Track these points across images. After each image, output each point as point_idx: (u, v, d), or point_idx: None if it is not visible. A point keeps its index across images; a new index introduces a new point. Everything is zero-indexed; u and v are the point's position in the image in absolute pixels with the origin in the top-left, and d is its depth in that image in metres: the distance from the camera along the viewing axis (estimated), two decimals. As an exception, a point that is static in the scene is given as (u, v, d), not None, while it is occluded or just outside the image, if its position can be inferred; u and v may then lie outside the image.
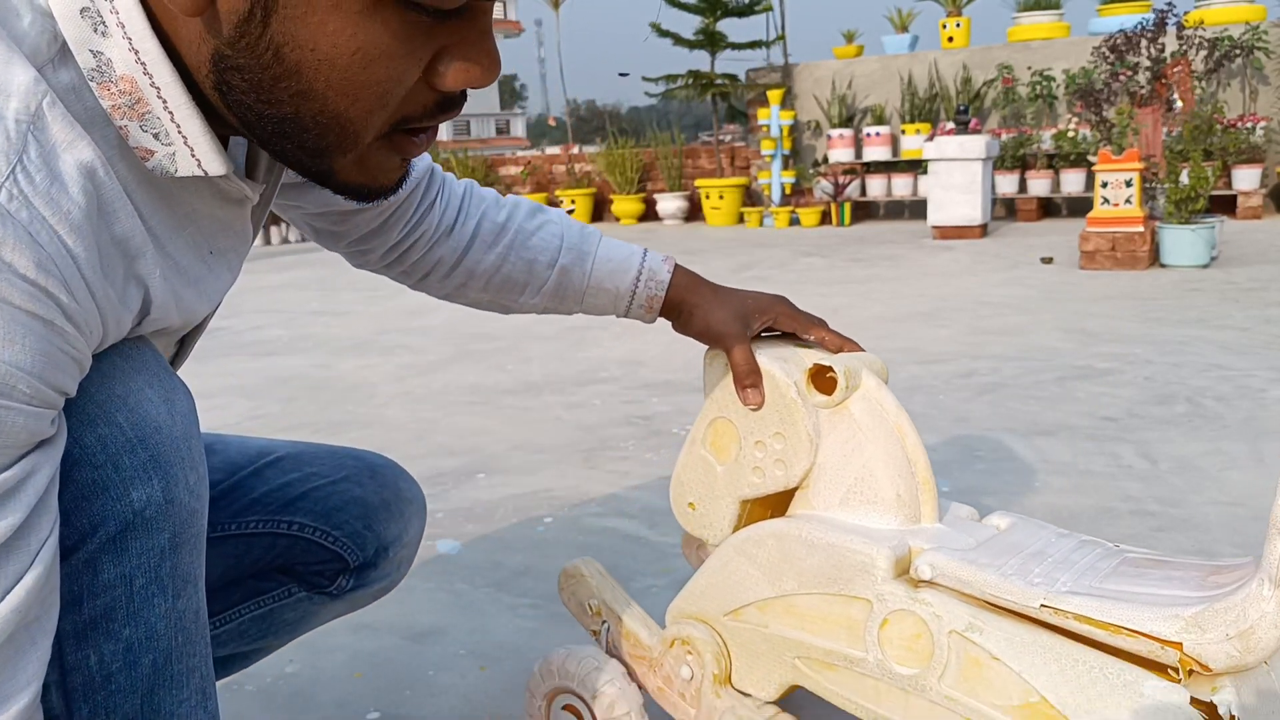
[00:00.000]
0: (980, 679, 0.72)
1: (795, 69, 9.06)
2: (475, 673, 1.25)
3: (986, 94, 8.28)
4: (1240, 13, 7.49)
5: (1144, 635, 0.65)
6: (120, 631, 0.56)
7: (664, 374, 2.89)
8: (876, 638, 0.77)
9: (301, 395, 2.88)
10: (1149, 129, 5.17)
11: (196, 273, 0.61)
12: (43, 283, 0.46)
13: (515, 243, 0.91)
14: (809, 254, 6.10)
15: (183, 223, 0.58)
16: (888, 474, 0.81)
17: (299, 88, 0.50)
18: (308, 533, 0.86)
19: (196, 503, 0.59)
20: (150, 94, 0.50)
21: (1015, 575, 0.72)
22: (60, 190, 0.47)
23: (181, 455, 0.57)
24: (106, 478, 0.54)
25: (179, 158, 0.53)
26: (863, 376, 0.84)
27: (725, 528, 0.89)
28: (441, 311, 4.29)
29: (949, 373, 2.77)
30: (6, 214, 0.44)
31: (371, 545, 0.89)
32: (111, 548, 0.55)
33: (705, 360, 0.91)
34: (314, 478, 0.87)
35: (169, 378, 0.60)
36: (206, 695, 0.61)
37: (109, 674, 0.56)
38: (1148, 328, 3.27)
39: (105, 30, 0.49)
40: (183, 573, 0.58)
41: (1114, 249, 4.60)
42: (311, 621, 0.94)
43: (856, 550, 0.78)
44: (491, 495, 1.92)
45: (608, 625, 0.99)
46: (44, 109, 0.47)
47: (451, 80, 0.53)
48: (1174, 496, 1.74)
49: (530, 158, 10.93)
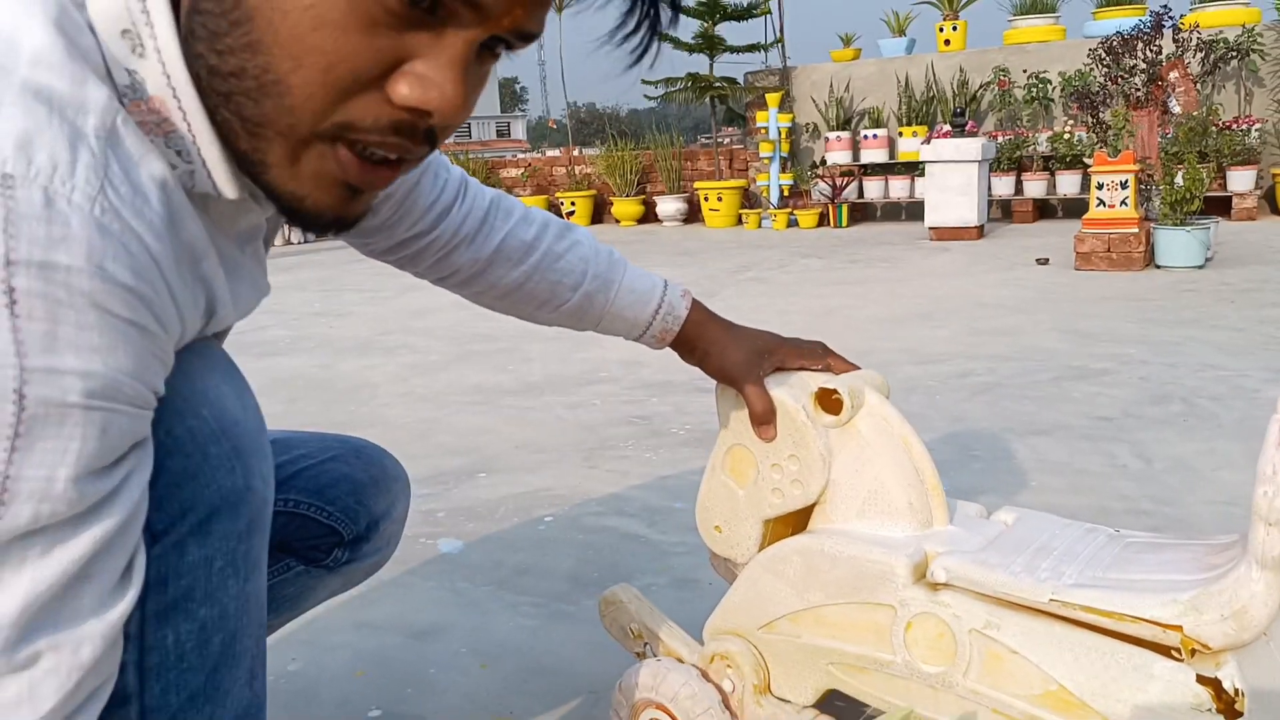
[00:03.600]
0: (1002, 672, 0.76)
1: (793, 72, 9.08)
2: (476, 671, 1.26)
3: (983, 97, 8.31)
4: (1235, 15, 7.51)
5: (1146, 621, 0.70)
6: (197, 611, 0.59)
7: (664, 374, 2.91)
8: (903, 640, 0.82)
9: (304, 395, 2.89)
10: (1144, 131, 5.19)
11: (245, 270, 0.64)
12: (140, 291, 0.48)
13: (542, 264, 0.91)
14: (807, 255, 6.12)
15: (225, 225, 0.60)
16: (899, 484, 0.86)
17: (249, 39, 0.49)
18: (303, 509, 0.90)
19: (268, 491, 0.63)
20: (177, 116, 0.52)
21: (1024, 572, 0.77)
22: (143, 201, 0.49)
23: (257, 446, 0.62)
24: (197, 466, 0.58)
25: (197, 177, 0.54)
26: (866, 395, 0.88)
27: (751, 547, 0.94)
28: (443, 313, 4.30)
29: (946, 373, 2.79)
30: (104, 227, 0.46)
31: (363, 519, 0.93)
32: (198, 531, 0.58)
33: (717, 392, 0.96)
34: (303, 459, 0.91)
35: (238, 375, 0.64)
36: (254, 675, 0.64)
37: (183, 652, 0.59)
38: (1143, 328, 3.28)
39: (143, 52, 0.50)
40: (254, 556, 0.62)
41: (1109, 250, 4.62)
42: (309, 597, 0.97)
43: (877, 560, 0.82)
44: (492, 494, 1.93)
45: (649, 646, 1.03)
46: (118, 125, 0.49)
47: (403, 89, 0.51)
48: (1169, 496, 1.76)
49: (530, 160, 10.95)
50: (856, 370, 0.94)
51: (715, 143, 9.66)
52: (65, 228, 0.44)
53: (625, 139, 10.24)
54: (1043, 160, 7.69)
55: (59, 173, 0.45)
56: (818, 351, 0.96)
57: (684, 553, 1.60)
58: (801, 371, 0.94)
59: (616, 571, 1.54)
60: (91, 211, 0.46)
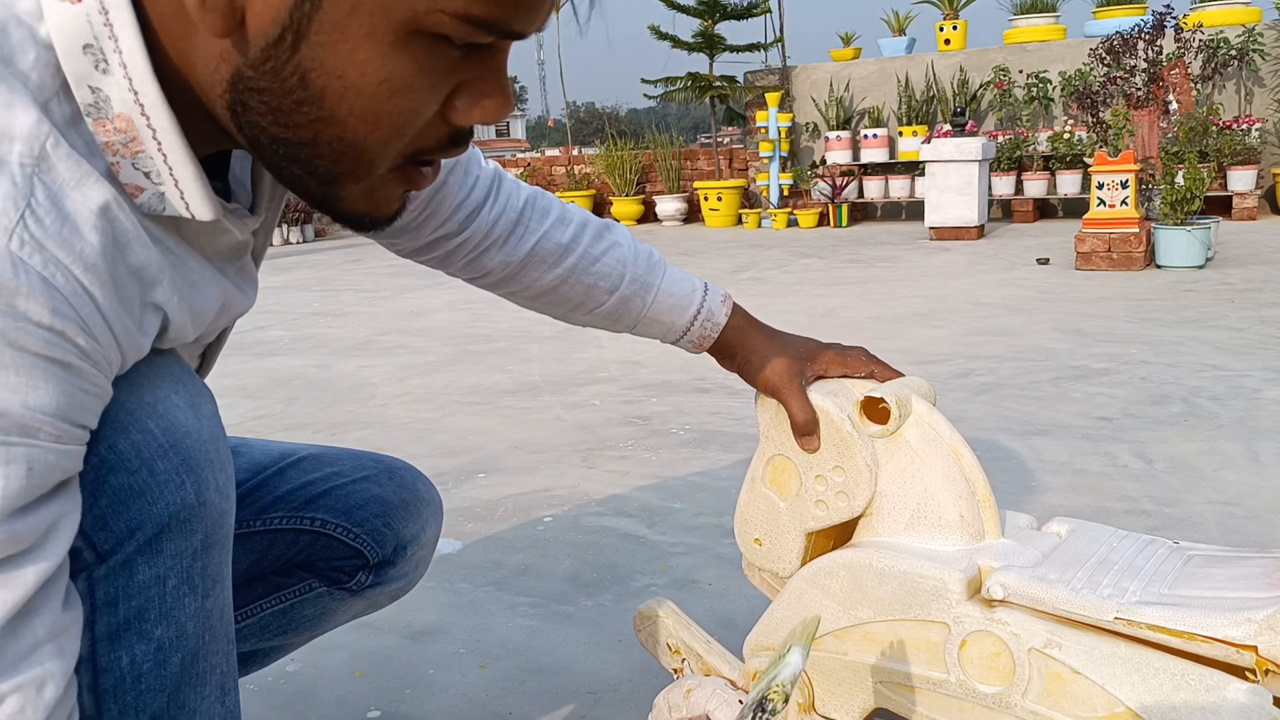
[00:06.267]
0: (1064, 693, 0.74)
1: (793, 71, 9.08)
2: (475, 671, 1.26)
3: (983, 96, 8.30)
4: (1236, 15, 7.51)
5: (1219, 641, 0.67)
6: (152, 632, 0.57)
7: (663, 374, 2.90)
8: (957, 659, 0.79)
9: (302, 395, 2.89)
10: (1145, 131, 5.19)
11: (215, 289, 0.61)
12: (59, 328, 0.46)
13: (578, 267, 0.89)
14: (807, 255, 6.12)
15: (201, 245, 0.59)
16: (949, 496, 0.83)
17: (320, 114, 0.50)
18: (329, 529, 0.88)
19: (225, 504, 0.60)
20: (146, 135, 0.50)
21: (1085, 588, 0.74)
22: (72, 230, 0.47)
23: (210, 458, 0.59)
24: (142, 482, 0.55)
25: (168, 198, 0.52)
26: (913, 403, 0.86)
27: (794, 560, 0.91)
28: (441, 313, 4.30)
29: (945, 373, 2.79)
30: (19, 261, 0.45)
31: (390, 543, 0.91)
32: (147, 550, 0.56)
33: (757, 401, 0.93)
34: (335, 477, 0.89)
35: (193, 383, 0.61)
36: (225, 690, 0.62)
37: (139, 674, 0.57)
38: (1143, 328, 3.28)
39: (107, 68, 0.48)
40: (212, 572, 0.60)
41: (1110, 250, 4.62)
42: (330, 619, 0.95)
43: (929, 576, 0.80)
44: (491, 495, 1.93)
45: (687, 662, 1.01)
46: (48, 150, 0.46)
47: (468, 115, 0.53)
48: (1169, 496, 1.76)
49: (530, 159, 10.95)
50: (901, 377, 0.91)
51: (715, 142, 9.66)
52: None
53: (625, 138, 10.25)
54: (1043, 160, 7.69)
55: None
56: (861, 358, 0.92)
57: (683, 553, 1.60)
58: (845, 379, 0.91)
59: (615, 572, 1.54)
60: (7, 245, 0.44)
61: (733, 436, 2.26)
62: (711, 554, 1.59)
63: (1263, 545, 1.48)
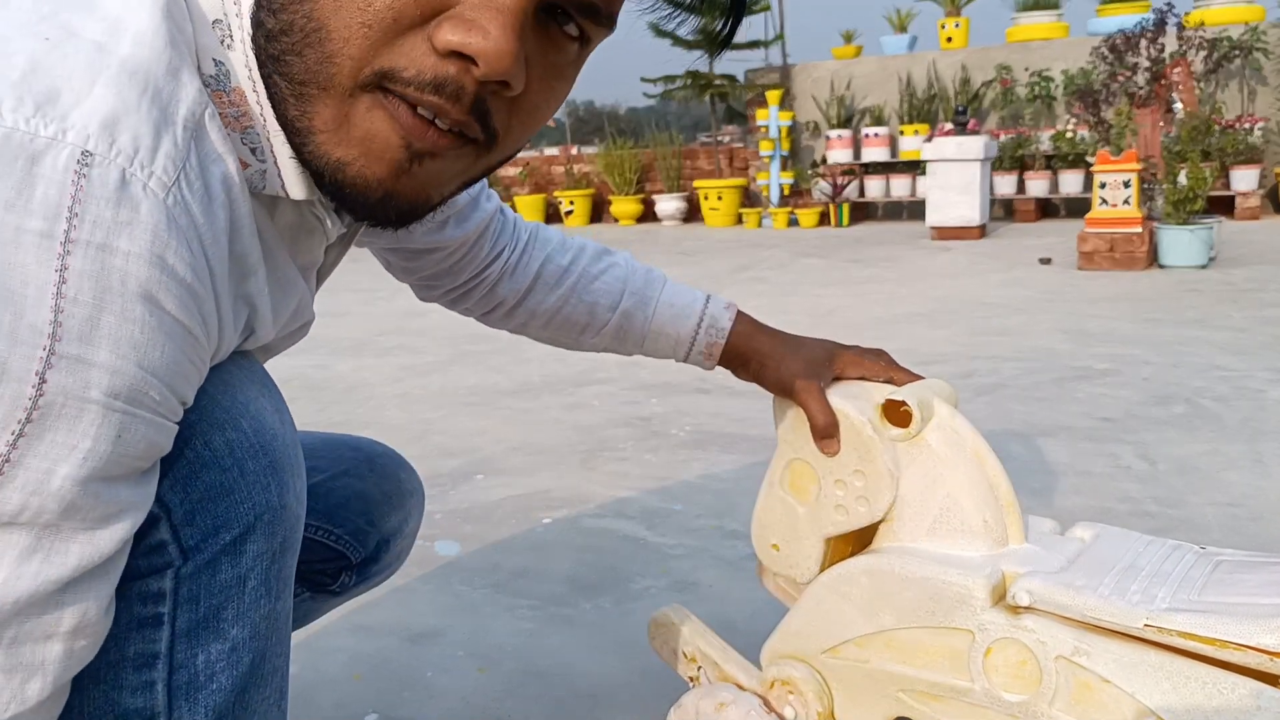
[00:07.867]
0: (1093, 701, 0.72)
1: (794, 69, 9.06)
2: (474, 674, 1.25)
3: (985, 95, 8.29)
4: (1239, 13, 7.50)
5: (1252, 649, 0.65)
6: (229, 631, 0.57)
7: (662, 375, 2.89)
8: (982, 667, 0.77)
9: (300, 395, 2.88)
10: (1147, 130, 5.17)
11: (295, 289, 0.62)
12: (194, 289, 0.46)
13: (578, 286, 0.92)
14: (807, 255, 6.11)
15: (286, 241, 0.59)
16: (972, 501, 0.82)
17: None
18: (310, 532, 0.87)
19: (300, 509, 0.61)
20: (255, 109, 0.51)
21: (1113, 595, 0.72)
22: (209, 202, 0.48)
23: (292, 462, 0.60)
24: (233, 481, 0.55)
25: (269, 175, 0.53)
26: (935, 406, 0.84)
27: (813, 566, 0.89)
28: (439, 314, 4.28)
29: (947, 374, 2.77)
30: (173, 219, 0.45)
31: (373, 540, 0.90)
32: (231, 550, 0.56)
33: (774, 404, 0.92)
34: (313, 473, 0.87)
35: (275, 388, 0.62)
36: (282, 694, 0.62)
37: (213, 673, 0.57)
38: (1146, 328, 3.27)
39: (231, 44, 0.50)
40: (285, 575, 0.60)
41: (1112, 250, 4.61)
42: (311, 618, 0.95)
43: (953, 582, 0.78)
44: (490, 496, 1.92)
45: (703, 670, 1.00)
46: (205, 119, 0.48)
47: (446, 31, 0.47)
48: (1173, 497, 1.74)
49: (529, 158, 10.93)
50: (922, 380, 0.89)
51: (715, 141, 9.65)
52: (133, 212, 0.43)
53: (624, 137, 10.23)
54: (1045, 159, 7.67)
55: (139, 156, 0.44)
56: (880, 362, 0.91)
57: (683, 555, 1.59)
58: (864, 382, 0.90)
59: (615, 574, 1.53)
60: (164, 200, 0.45)
61: (733, 438, 2.25)
62: (711, 556, 1.58)
63: (1266, 546, 1.47)
